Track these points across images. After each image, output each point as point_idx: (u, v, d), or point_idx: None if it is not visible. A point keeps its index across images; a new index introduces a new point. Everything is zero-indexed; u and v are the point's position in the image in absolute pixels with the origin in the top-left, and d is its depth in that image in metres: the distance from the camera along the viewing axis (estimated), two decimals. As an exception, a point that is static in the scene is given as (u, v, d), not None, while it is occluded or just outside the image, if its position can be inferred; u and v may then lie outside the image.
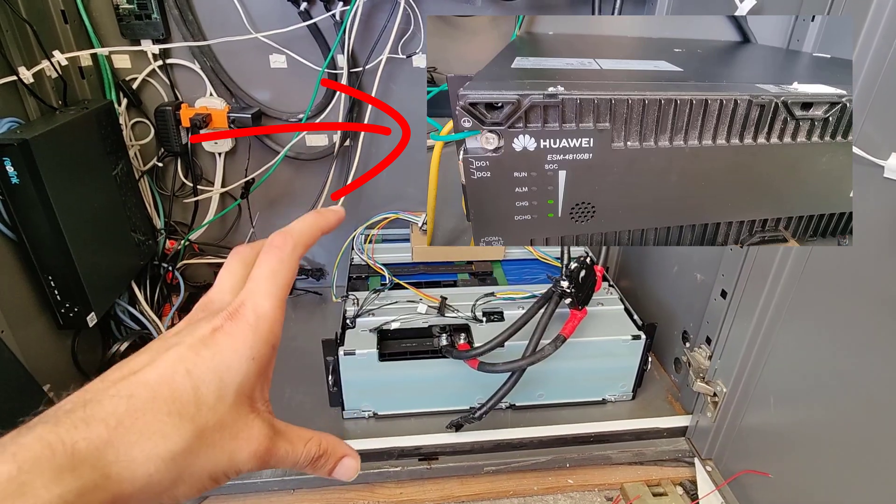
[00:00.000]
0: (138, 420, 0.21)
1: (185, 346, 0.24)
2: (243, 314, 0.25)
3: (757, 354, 0.68)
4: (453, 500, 0.78)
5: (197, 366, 0.23)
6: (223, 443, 0.24)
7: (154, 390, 0.22)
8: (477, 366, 0.75)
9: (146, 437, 0.21)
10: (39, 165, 0.67)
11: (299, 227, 0.29)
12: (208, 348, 0.24)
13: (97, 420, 0.21)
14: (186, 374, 0.23)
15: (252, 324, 0.25)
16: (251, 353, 0.24)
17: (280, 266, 0.27)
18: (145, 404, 0.22)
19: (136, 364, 0.23)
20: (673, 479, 0.80)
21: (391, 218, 1.08)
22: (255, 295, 0.26)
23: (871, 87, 0.51)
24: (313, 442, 0.28)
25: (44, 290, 0.75)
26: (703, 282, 0.82)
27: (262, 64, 0.94)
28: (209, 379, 0.23)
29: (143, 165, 0.97)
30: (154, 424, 0.22)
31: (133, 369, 0.23)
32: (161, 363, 0.23)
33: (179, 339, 0.24)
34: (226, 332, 0.24)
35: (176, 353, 0.23)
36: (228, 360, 0.24)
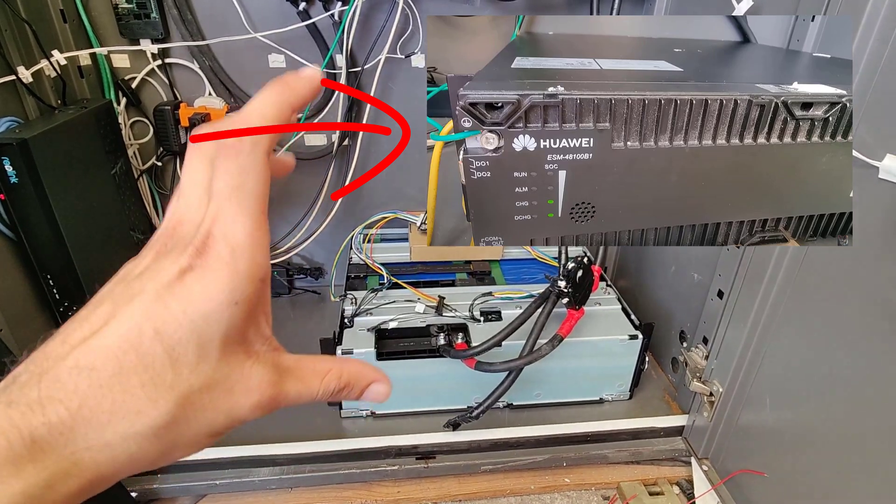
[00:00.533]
0: (105, 398, 0.18)
1: (150, 295, 0.20)
2: (213, 248, 0.20)
3: (753, 354, 0.69)
4: (450, 498, 0.78)
5: (167, 323, 0.19)
6: (216, 402, 0.21)
7: (119, 360, 0.19)
8: (474, 365, 0.76)
9: (118, 416, 0.19)
10: (38, 165, 0.67)
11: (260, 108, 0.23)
12: (177, 298, 0.19)
13: (55, 401, 0.18)
14: (155, 336, 0.19)
15: (227, 259, 0.20)
16: (231, 296, 0.20)
17: (242, 174, 0.21)
18: (111, 378, 0.19)
19: (96, 319, 0.20)
20: (669, 479, 0.81)
21: (390, 217, 1.08)
22: (222, 220, 0.21)
23: (865, 88, 0.51)
24: (332, 376, 0.24)
25: (42, 289, 0.75)
26: (700, 282, 0.83)
27: (261, 63, 0.94)
28: (184, 337, 0.19)
29: (142, 165, 0.97)
30: (125, 401, 0.19)
31: (93, 327, 0.19)
32: (124, 320, 0.19)
33: (142, 283, 0.20)
34: (196, 275, 0.20)
35: (140, 305, 0.19)
36: (204, 309, 0.20)
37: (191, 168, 0.22)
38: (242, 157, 0.22)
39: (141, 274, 0.21)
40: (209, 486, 0.75)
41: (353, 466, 0.78)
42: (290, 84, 0.24)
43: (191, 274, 0.20)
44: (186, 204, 0.22)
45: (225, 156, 0.22)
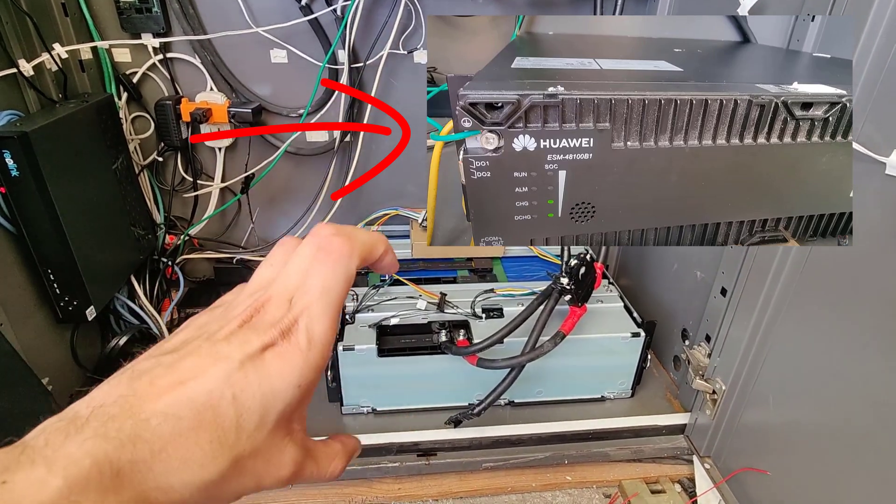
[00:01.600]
0: (181, 446, 0.21)
1: (235, 363, 0.22)
2: (296, 336, 0.23)
3: (756, 352, 0.68)
4: (451, 496, 0.78)
5: (244, 391, 0.22)
6: (255, 469, 0.23)
7: (200, 414, 0.21)
8: (476, 362, 0.75)
9: (186, 465, 0.21)
10: (39, 158, 0.67)
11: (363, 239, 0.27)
12: (257, 372, 0.22)
13: (143, 441, 0.20)
14: (233, 400, 0.22)
15: (304, 349, 0.23)
16: (299, 380, 0.23)
17: (338, 280, 0.25)
18: (190, 430, 0.21)
19: (184, 371, 0.22)
20: (671, 477, 0.80)
21: (391, 214, 1.08)
22: (308, 314, 0.24)
23: (872, 85, 0.51)
24: (339, 461, 0.28)
25: (43, 283, 0.75)
26: (703, 279, 0.82)
27: (263, 59, 0.94)
28: (253, 407, 0.22)
29: (143, 159, 0.97)
30: (196, 452, 0.21)
31: (181, 378, 0.22)
32: (209, 380, 0.22)
33: (230, 349, 0.23)
34: (277, 355, 0.23)
35: (224, 370, 0.22)
36: (276, 387, 0.23)
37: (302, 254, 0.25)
38: (340, 265, 0.25)
39: (228, 339, 0.23)
40: (210, 482, 0.75)
41: (353, 463, 0.77)
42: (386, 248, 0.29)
43: (271, 352, 0.23)
44: (284, 285, 0.25)
45: (325, 256, 0.25)
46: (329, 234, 0.26)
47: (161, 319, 0.93)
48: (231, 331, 0.24)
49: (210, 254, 1.06)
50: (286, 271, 0.25)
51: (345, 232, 0.26)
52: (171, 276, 1.00)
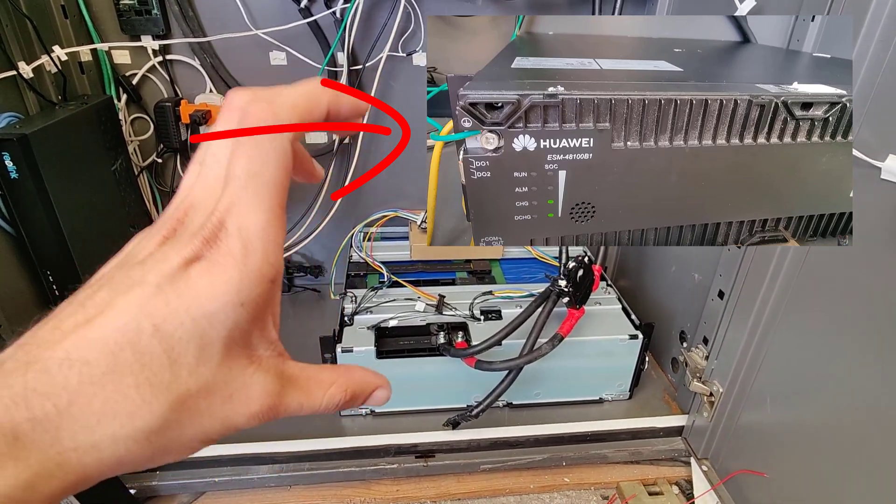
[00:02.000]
0: (96, 395, 0.17)
1: (151, 287, 0.18)
2: (224, 240, 0.19)
3: (753, 355, 0.69)
4: (449, 497, 0.78)
5: (167, 320, 0.18)
6: (212, 408, 0.19)
7: (115, 356, 0.17)
8: (474, 364, 0.76)
9: (109, 416, 0.17)
10: (38, 160, 0.67)
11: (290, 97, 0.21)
12: (180, 294, 0.18)
13: (42, 395, 0.17)
14: (154, 333, 0.18)
15: (237, 255, 0.19)
16: (238, 297, 0.19)
17: (263, 160, 0.20)
18: (104, 376, 0.17)
19: (92, 306, 0.18)
20: (669, 479, 0.80)
21: (390, 216, 1.08)
22: (236, 210, 0.19)
23: (868, 89, 0.51)
24: (336, 388, 0.23)
25: (42, 284, 0.75)
26: (700, 282, 0.82)
27: (262, 61, 0.94)
28: (184, 337, 0.18)
29: (143, 161, 0.97)
30: (118, 401, 0.17)
31: (88, 315, 0.18)
32: (121, 312, 0.18)
33: (144, 271, 0.18)
34: (203, 269, 0.18)
35: (139, 297, 0.18)
36: (208, 309, 0.18)
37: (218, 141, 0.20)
38: (266, 142, 0.20)
39: (144, 260, 0.19)
40: (208, 484, 0.75)
41: (352, 465, 0.78)
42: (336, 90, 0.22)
43: (196, 266, 0.18)
44: (204, 183, 0.20)
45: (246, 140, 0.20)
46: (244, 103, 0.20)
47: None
48: (148, 252, 0.19)
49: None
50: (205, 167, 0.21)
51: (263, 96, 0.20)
52: (170, 278, 1.00)
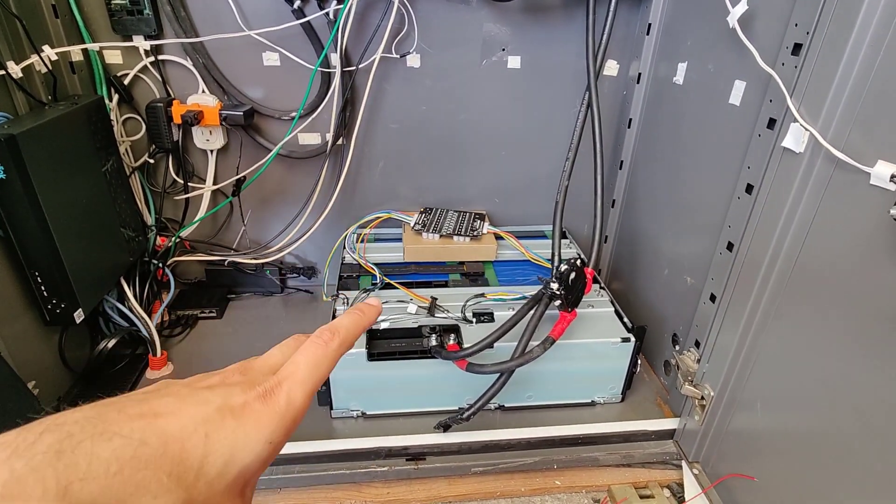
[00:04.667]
0: (139, 472, 0.20)
1: (214, 408, 0.23)
2: (276, 397, 0.25)
3: (744, 359, 0.69)
4: (440, 500, 0.78)
5: (217, 432, 0.22)
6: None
7: (167, 444, 0.21)
8: (466, 367, 0.75)
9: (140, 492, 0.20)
10: (27, 160, 0.66)
11: (346, 325, 0.31)
12: (234, 419, 0.23)
13: (100, 461, 0.19)
14: (204, 438, 0.22)
15: (281, 409, 0.25)
16: (270, 437, 0.24)
17: (323, 359, 0.28)
18: (152, 457, 0.20)
19: (160, 406, 0.22)
20: (660, 482, 0.80)
21: (384, 217, 1.08)
22: (291, 380, 0.26)
23: (858, 95, 0.51)
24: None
25: (30, 285, 0.74)
26: (693, 285, 0.82)
27: (255, 61, 0.94)
28: (221, 451, 0.22)
29: (134, 162, 0.97)
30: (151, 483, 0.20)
31: (156, 411, 0.22)
32: (186, 417, 0.22)
33: (211, 396, 0.23)
34: (254, 410, 0.24)
35: (203, 412, 0.22)
36: (249, 436, 0.23)
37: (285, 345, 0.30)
38: (328, 348, 0.28)
39: (211, 388, 0.24)
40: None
41: (342, 467, 0.77)
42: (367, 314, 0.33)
43: (250, 407, 0.24)
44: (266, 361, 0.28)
45: (317, 342, 0.28)
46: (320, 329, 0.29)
47: (151, 322, 0.92)
48: (212, 383, 0.25)
49: (201, 256, 1.06)
50: (269, 352, 0.29)
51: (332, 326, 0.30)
52: (162, 278, 1.00)
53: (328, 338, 0.29)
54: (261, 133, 1.00)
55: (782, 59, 0.60)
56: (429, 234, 1.00)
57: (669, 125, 0.89)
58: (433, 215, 1.06)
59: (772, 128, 0.63)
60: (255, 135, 0.99)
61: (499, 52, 0.98)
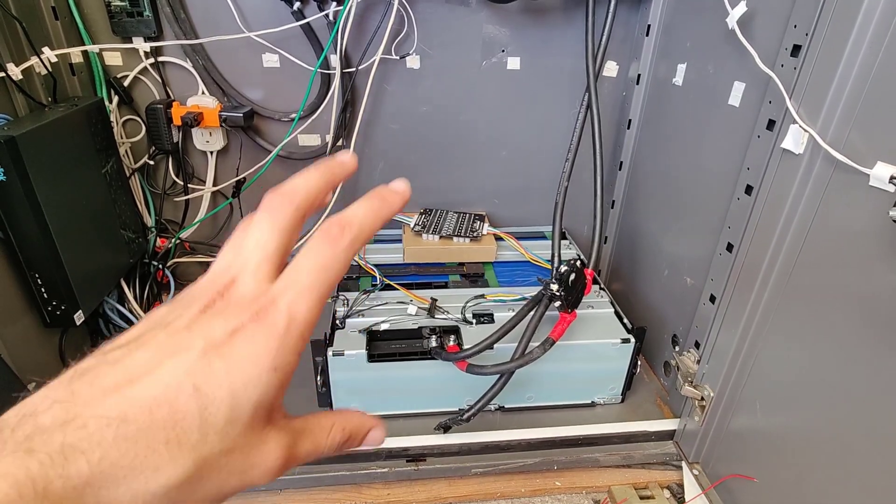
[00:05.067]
0: (128, 451, 0.18)
1: (197, 353, 0.20)
2: (274, 316, 0.21)
3: (744, 359, 0.69)
4: (441, 501, 0.78)
5: (207, 381, 0.19)
6: (231, 465, 0.20)
7: (152, 413, 0.18)
8: (466, 368, 0.75)
9: (135, 472, 0.18)
10: (27, 162, 0.66)
11: (361, 216, 0.24)
12: (223, 358, 0.20)
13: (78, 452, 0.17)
14: (194, 392, 0.19)
15: (282, 330, 0.21)
16: (274, 363, 0.20)
17: (332, 260, 0.22)
18: (139, 432, 0.18)
19: (135, 366, 0.19)
20: (660, 483, 0.80)
21: (383, 218, 1.07)
22: (295, 292, 0.21)
23: (857, 96, 0.51)
24: (336, 430, 0.25)
25: (30, 287, 0.74)
26: (692, 286, 0.82)
27: (255, 63, 0.94)
28: (220, 397, 0.19)
29: (134, 163, 0.97)
30: (147, 457, 0.18)
31: (131, 375, 0.19)
32: (165, 374, 0.19)
33: (191, 339, 0.20)
34: (247, 337, 0.20)
35: (184, 362, 0.19)
36: (247, 374, 0.20)
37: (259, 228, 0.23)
38: (338, 248, 0.23)
39: (189, 326, 0.21)
40: (198, 488, 0.75)
41: (342, 469, 0.77)
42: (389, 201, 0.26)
43: (241, 335, 0.20)
44: (244, 263, 0.22)
45: (324, 239, 0.23)
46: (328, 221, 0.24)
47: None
48: (191, 318, 0.21)
49: (201, 257, 1.06)
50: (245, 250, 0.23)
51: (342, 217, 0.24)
52: (162, 280, 1.00)
53: (337, 233, 0.23)
54: (261, 134, 1.00)
55: (781, 60, 0.60)
56: (428, 235, 1.00)
57: (669, 126, 0.89)
58: (433, 216, 1.06)
59: (771, 129, 0.63)
60: (254, 136, 0.99)
61: (498, 54, 0.98)
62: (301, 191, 0.24)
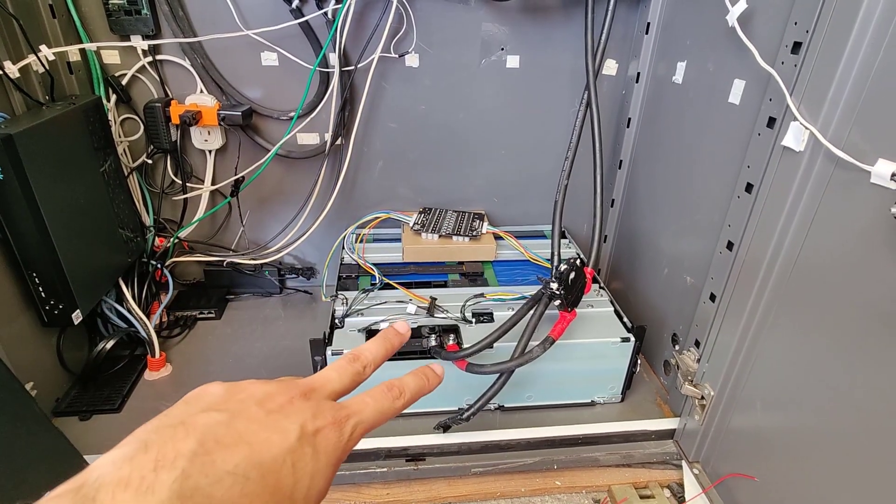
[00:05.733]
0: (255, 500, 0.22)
1: (295, 437, 0.25)
2: (346, 427, 0.27)
3: (745, 358, 0.68)
4: (440, 500, 0.77)
5: (301, 461, 0.25)
6: None
7: (265, 478, 0.23)
8: (465, 367, 0.75)
9: None
10: (24, 161, 0.66)
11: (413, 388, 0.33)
12: (312, 448, 0.25)
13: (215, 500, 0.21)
14: (292, 469, 0.24)
15: (346, 439, 0.27)
16: (337, 462, 0.27)
17: (388, 411, 0.31)
18: (254, 492, 0.22)
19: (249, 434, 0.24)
20: (660, 482, 0.80)
21: (382, 217, 1.07)
22: (359, 416, 0.28)
23: (858, 93, 0.51)
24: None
25: (28, 286, 0.74)
26: (692, 285, 0.82)
27: (254, 61, 0.93)
28: (305, 479, 0.25)
29: (132, 162, 0.97)
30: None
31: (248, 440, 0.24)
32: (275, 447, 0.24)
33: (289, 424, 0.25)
34: (327, 437, 0.26)
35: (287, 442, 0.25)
36: (322, 465, 0.26)
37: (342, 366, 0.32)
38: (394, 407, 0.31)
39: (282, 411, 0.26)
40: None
41: (341, 468, 0.76)
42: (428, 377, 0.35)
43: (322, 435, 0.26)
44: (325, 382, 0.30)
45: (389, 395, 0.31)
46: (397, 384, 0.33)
47: (149, 323, 0.92)
48: (281, 406, 0.26)
49: (200, 257, 1.06)
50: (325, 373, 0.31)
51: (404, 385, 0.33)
52: (161, 279, 0.99)
53: (397, 395, 0.32)
54: (259, 133, 1.00)
55: (782, 57, 0.60)
56: (428, 235, 1.00)
57: (669, 124, 0.89)
58: (432, 215, 1.06)
59: (771, 127, 0.63)
60: (253, 135, 0.99)
61: (497, 52, 0.98)
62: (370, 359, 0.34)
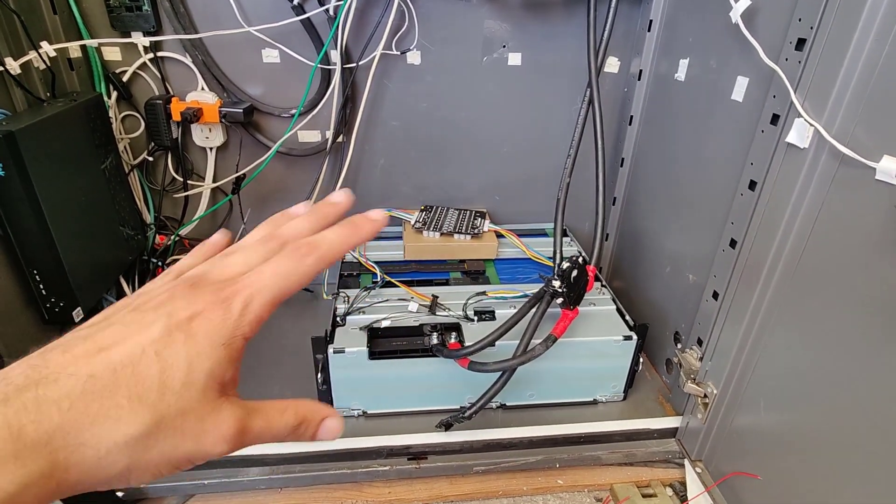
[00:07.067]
0: (93, 403, 0.20)
1: (159, 328, 0.23)
2: (234, 303, 0.24)
3: (748, 356, 0.68)
4: (442, 499, 0.77)
5: (167, 348, 0.22)
6: (186, 427, 0.23)
7: (116, 372, 0.21)
8: (467, 365, 0.75)
9: (99, 420, 0.20)
10: (25, 157, 0.66)
11: (330, 240, 0.28)
12: (183, 333, 0.23)
13: (49, 401, 0.20)
14: (155, 357, 0.22)
15: (236, 316, 0.24)
16: (223, 339, 0.24)
17: (293, 273, 0.26)
18: (104, 387, 0.21)
19: (105, 339, 0.22)
20: (663, 481, 0.80)
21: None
22: (255, 287, 0.25)
23: (863, 90, 0.51)
24: (290, 412, 0.27)
25: (29, 284, 0.73)
26: (695, 283, 0.82)
27: (255, 58, 0.93)
28: (177, 363, 0.22)
29: (133, 159, 0.96)
30: (110, 408, 0.21)
31: (100, 345, 0.22)
32: (132, 343, 0.22)
33: (156, 318, 0.23)
34: (206, 318, 0.24)
35: (149, 335, 0.22)
36: (204, 347, 0.23)
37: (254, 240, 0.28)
38: (303, 263, 0.26)
39: (157, 307, 0.24)
40: (197, 486, 0.74)
41: (343, 466, 0.77)
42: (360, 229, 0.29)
43: (201, 317, 0.24)
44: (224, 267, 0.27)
45: (292, 254, 0.26)
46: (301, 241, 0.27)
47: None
48: (160, 302, 0.24)
49: (200, 255, 1.05)
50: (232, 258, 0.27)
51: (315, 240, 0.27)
52: (161, 277, 0.99)
53: (305, 251, 0.27)
54: (260, 130, 0.99)
55: (786, 54, 0.60)
56: (429, 232, 1.00)
57: (671, 122, 0.88)
58: (434, 213, 1.05)
59: (775, 123, 0.62)
60: (254, 132, 0.98)
61: (499, 49, 0.97)
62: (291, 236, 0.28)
